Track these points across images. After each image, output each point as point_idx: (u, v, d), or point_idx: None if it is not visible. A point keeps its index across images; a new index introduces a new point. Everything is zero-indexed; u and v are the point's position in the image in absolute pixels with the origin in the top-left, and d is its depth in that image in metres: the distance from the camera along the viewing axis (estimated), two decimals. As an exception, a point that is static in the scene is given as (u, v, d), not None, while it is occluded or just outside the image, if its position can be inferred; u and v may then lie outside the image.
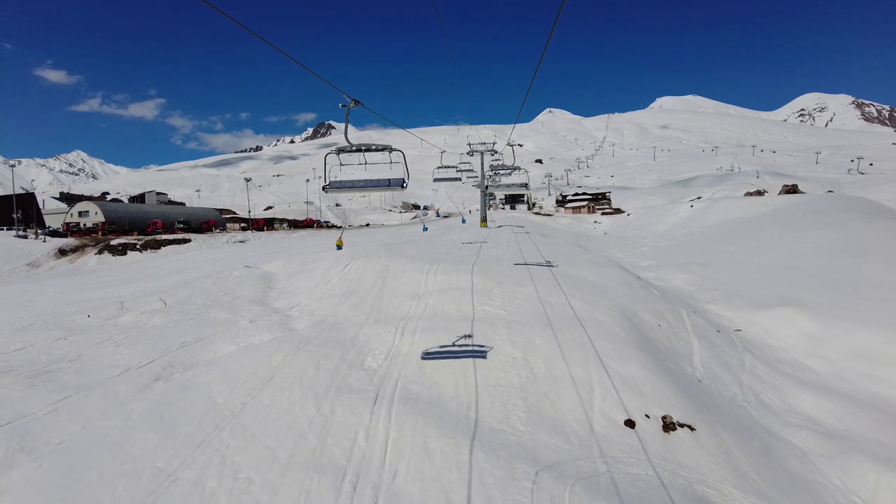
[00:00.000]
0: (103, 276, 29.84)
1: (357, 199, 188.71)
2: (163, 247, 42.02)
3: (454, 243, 24.29)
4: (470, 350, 8.98)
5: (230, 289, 17.72)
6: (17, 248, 37.36)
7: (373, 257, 17.98)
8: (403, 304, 12.43)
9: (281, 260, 24.72)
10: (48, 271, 34.90)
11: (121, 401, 8.11)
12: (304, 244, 42.27)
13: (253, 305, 14.55)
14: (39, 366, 10.29)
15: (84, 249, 39.07)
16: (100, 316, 15.02)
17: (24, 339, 12.64)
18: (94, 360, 10.54)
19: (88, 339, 12.04)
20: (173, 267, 31.74)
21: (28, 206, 68.59)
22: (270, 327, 11.95)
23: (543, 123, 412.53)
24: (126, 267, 34.94)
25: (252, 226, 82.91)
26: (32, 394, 8.67)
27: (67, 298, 21.12)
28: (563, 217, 65.64)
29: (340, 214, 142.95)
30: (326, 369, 8.65)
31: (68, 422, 7.43)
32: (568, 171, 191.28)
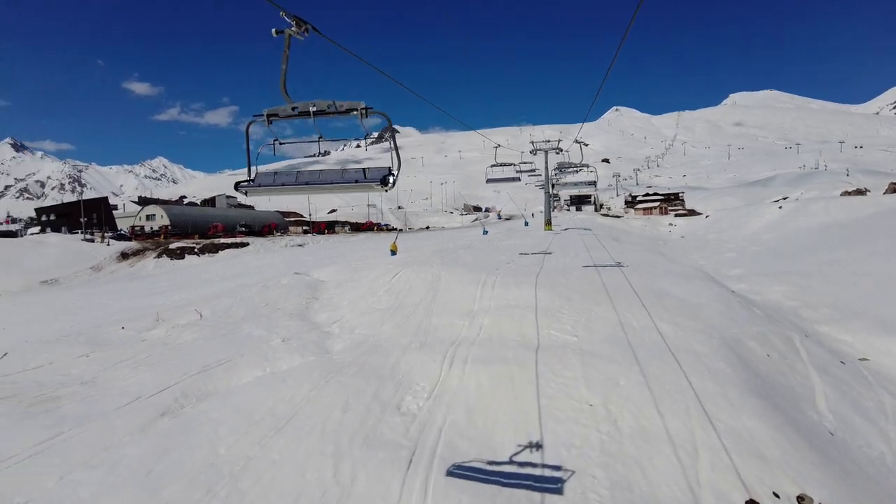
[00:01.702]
0: (157, 282, 30.06)
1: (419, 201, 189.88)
2: (220, 251, 42.57)
3: (515, 249, 22.50)
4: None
5: (273, 299, 16.73)
6: (83, 252, 38.77)
7: (424, 265, 16.49)
8: (454, 323, 10.80)
9: (333, 266, 23.77)
10: (109, 275, 35.88)
11: (115, 444, 6.93)
12: (361, 248, 41.63)
13: (291, 320, 13.37)
14: (48, 389, 9.41)
15: (144, 253, 40.10)
16: (134, 328, 14.33)
17: (48, 354, 11.97)
18: (106, 383, 9.57)
19: (109, 358, 11.18)
20: (227, 272, 31.64)
21: (101, 209, 72.42)
22: (304, 348, 10.65)
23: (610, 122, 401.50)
24: (181, 271, 35.33)
25: (313, 229, 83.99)
26: (24, 428, 7.67)
27: (115, 306, 20.94)
28: (633, 219, 62.14)
29: (401, 217, 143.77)
30: (356, 411, 7.15)
31: (46, 470, 6.29)
32: (637, 170, 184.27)
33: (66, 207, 75.31)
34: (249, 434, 6.74)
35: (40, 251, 37.34)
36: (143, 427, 7.39)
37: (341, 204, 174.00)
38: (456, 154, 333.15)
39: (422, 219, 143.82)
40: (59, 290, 30.82)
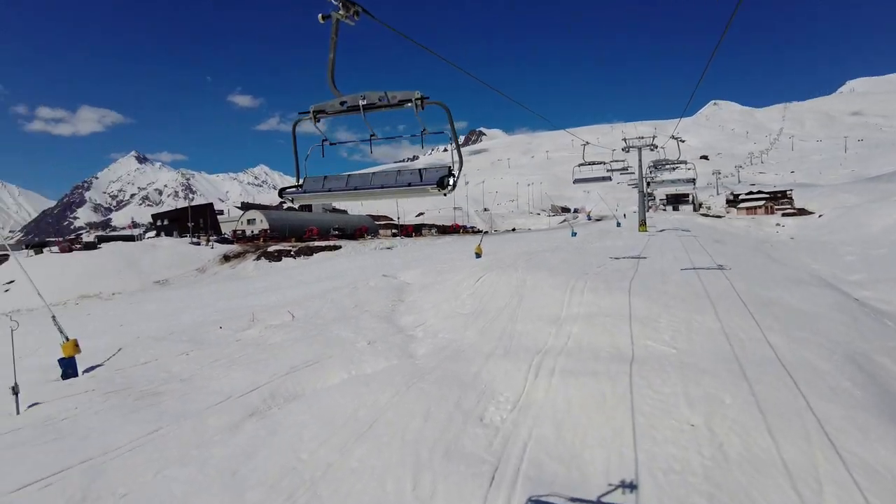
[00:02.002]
0: (256, 283, 31.74)
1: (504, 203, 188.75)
2: (315, 253, 44.42)
3: (607, 251, 21.51)
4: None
5: (361, 301, 17.03)
6: (190, 254, 41.93)
7: (508, 269, 16.11)
8: (540, 330, 10.35)
9: (418, 268, 23.98)
10: (212, 276, 38.48)
11: (205, 442, 7.18)
12: (446, 251, 41.81)
13: (378, 322, 13.49)
14: (152, 385, 10.02)
15: (245, 255, 42.72)
16: (231, 328, 15.08)
17: (154, 351, 12.83)
18: (202, 382, 10.04)
19: (207, 356, 11.77)
20: (320, 274, 32.84)
21: (207, 214, 78.13)
22: (388, 351, 10.64)
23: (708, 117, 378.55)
24: (279, 273, 37.14)
25: (401, 232, 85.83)
26: (129, 421, 8.16)
27: (216, 306, 22.26)
28: (736, 219, 57.90)
29: (487, 219, 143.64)
30: (437, 419, 6.94)
31: (144, 465, 6.60)
32: (739, 167, 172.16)
33: (177, 213, 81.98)
34: (331, 439, 6.72)
35: (154, 254, 40.84)
36: (232, 427, 7.62)
37: (429, 207, 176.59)
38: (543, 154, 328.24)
39: (508, 221, 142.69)
40: (168, 290, 33.46)
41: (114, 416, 8.47)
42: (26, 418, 8.80)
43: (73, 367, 11.59)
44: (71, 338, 11.89)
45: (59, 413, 8.81)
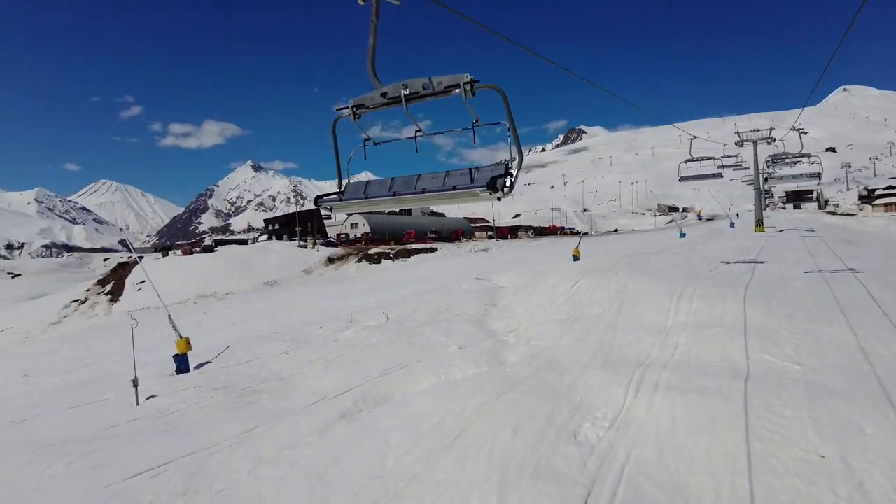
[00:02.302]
0: (357, 284, 32.85)
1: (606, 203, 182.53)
2: (412, 256, 45.38)
3: (718, 254, 19.92)
4: None
5: (454, 304, 16.98)
6: (297, 257, 44.41)
7: (608, 273, 15.30)
8: (643, 341, 9.63)
9: (512, 271, 23.58)
10: (317, 277, 40.41)
11: (297, 442, 7.32)
12: (542, 253, 41.00)
13: (469, 326, 13.31)
14: (254, 383, 10.49)
15: (347, 258, 44.53)
16: (330, 328, 15.58)
17: (259, 349, 13.50)
18: (300, 381, 10.36)
19: (306, 356, 12.18)
20: (417, 276, 33.41)
21: (314, 219, 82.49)
22: (479, 357, 10.41)
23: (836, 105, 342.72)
24: (378, 275, 38.27)
25: (497, 234, 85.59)
26: (229, 418, 8.55)
27: (320, 306, 23.20)
28: (871, 217, 51.73)
29: (587, 220, 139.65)
30: (528, 433, 6.58)
31: (240, 462, 6.83)
32: (874, 159, 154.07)
33: (287, 218, 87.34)
34: (417, 448, 6.58)
35: (265, 256, 43.72)
36: (323, 429, 7.72)
37: (525, 208, 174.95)
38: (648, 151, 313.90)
39: (609, 221, 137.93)
40: (276, 291, 35.57)
41: (216, 413, 8.93)
42: (143, 409, 9.52)
43: (186, 363, 12.46)
44: (184, 336, 12.79)
45: (170, 406, 9.45)
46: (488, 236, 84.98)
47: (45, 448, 8.03)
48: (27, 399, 12.42)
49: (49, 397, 12.02)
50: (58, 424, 9.28)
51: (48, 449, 7.97)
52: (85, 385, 12.87)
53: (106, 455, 7.47)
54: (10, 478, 7.06)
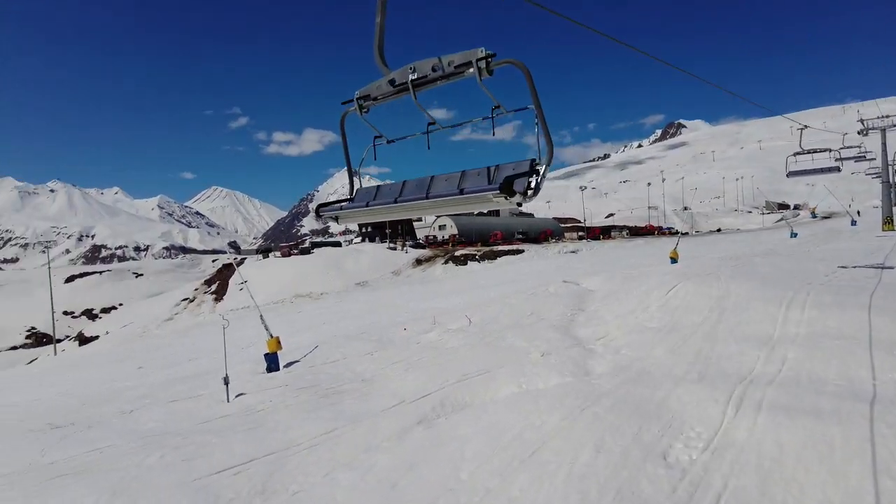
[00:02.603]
0: (443, 286, 33.03)
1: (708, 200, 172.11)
2: (498, 257, 45.05)
3: (836, 256, 17.96)
4: None
5: (538, 308, 16.49)
6: (387, 258, 45.48)
7: (708, 278, 14.19)
8: (746, 353, 8.75)
9: (603, 274, 22.62)
10: (405, 279, 41.13)
11: (374, 446, 7.30)
12: (636, 255, 39.17)
13: (553, 332, 12.82)
14: (337, 383, 10.68)
15: (434, 259, 44.99)
16: (414, 330, 15.66)
17: (345, 349, 13.80)
18: (381, 383, 10.42)
19: (388, 357, 12.26)
20: (502, 278, 33.05)
21: (403, 222, 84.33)
22: (562, 366, 9.94)
23: None
24: (464, 277, 38.30)
25: (588, 234, 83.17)
26: (312, 418, 8.72)
27: (407, 307, 23.50)
28: None
29: (687, 219, 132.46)
30: (611, 453, 6.11)
31: (316, 465, 6.91)
32: None
33: (379, 221, 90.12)
34: (493, 460, 6.31)
35: (356, 257, 45.19)
36: (400, 434, 7.65)
37: (621, 207, 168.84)
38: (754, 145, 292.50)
39: (712, 220, 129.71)
40: (366, 291, 36.59)
41: (299, 412, 9.15)
42: (233, 406, 9.96)
43: (276, 361, 12.95)
44: (275, 335, 13.31)
45: (257, 404, 9.81)
46: (578, 237, 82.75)
47: (145, 439, 8.59)
48: (137, 391, 13.50)
49: (155, 390, 12.97)
50: (159, 417, 9.93)
51: (148, 440, 8.52)
52: (186, 380, 13.75)
53: (196, 449, 7.84)
54: (114, 465, 7.58)
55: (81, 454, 8.18)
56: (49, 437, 9.31)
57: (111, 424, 9.74)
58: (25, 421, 11.73)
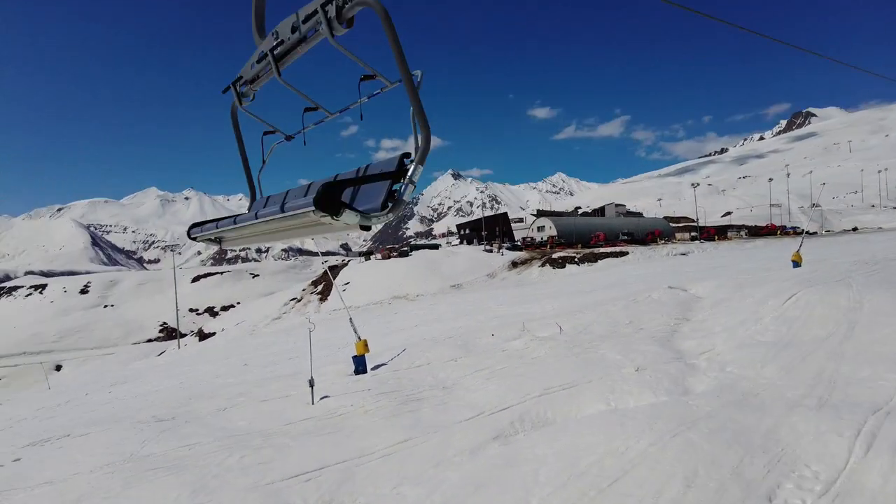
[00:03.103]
0: (538, 289, 32.21)
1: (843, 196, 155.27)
2: (599, 260, 43.16)
3: None
4: None
5: (637, 316, 15.44)
6: (482, 261, 45.20)
7: (836, 285, 12.51)
8: (882, 378, 7.48)
9: (713, 280, 20.84)
10: (500, 281, 40.63)
11: (445, 461, 7.04)
12: (755, 257, 35.92)
13: (652, 344, 11.86)
14: (418, 390, 10.54)
15: (531, 262, 44.00)
16: (501, 336, 15.24)
17: (430, 354, 13.68)
18: (461, 392, 10.15)
19: (472, 365, 11.97)
20: (602, 282, 31.64)
21: (501, 223, 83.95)
22: (657, 383, 9.11)
23: None
24: (561, 280, 37.11)
25: (701, 235, 77.81)
26: (388, 426, 8.64)
27: (497, 311, 23.11)
28: None
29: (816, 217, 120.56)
30: (704, 489, 5.39)
31: (386, 477, 6.77)
32: None
33: (477, 223, 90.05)
34: (568, 487, 5.80)
35: (452, 260, 45.38)
36: (473, 449, 7.32)
37: (738, 205, 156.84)
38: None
39: (847, 218, 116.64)
40: (461, 294, 36.57)
41: (377, 419, 9.10)
42: (316, 409, 10.13)
43: (363, 364, 13.10)
44: (362, 337, 13.48)
45: (338, 408, 9.91)
46: (691, 238, 77.66)
47: (231, 438, 8.93)
48: (236, 388, 14.23)
49: (252, 388, 13.59)
50: (248, 416, 10.33)
51: (234, 439, 8.84)
52: (281, 378, 14.29)
53: (274, 452, 8.00)
54: (199, 462, 7.92)
55: (174, 449, 8.65)
56: (152, 429, 9.96)
57: (206, 421, 10.26)
58: (141, 411, 12.76)
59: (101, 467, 8.21)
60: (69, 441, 9.92)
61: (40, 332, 62.50)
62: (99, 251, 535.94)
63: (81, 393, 22.47)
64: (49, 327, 64.20)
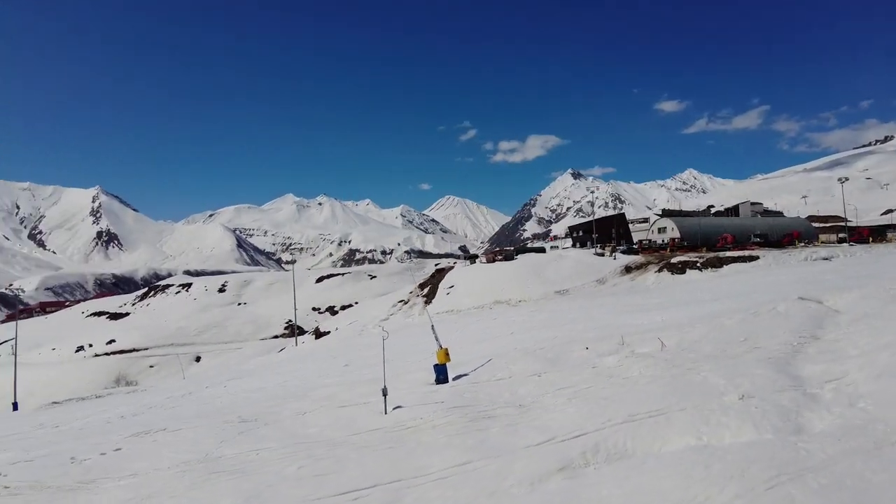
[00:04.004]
0: (650, 298, 30.03)
1: None
2: (724, 265, 39.22)
3: None
4: None
5: (755, 332, 13.61)
6: (592, 265, 42.99)
7: None
8: None
9: (858, 290, 17.98)
10: (610, 288, 38.37)
11: (500, 491, 6.46)
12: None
13: (765, 367, 10.27)
14: (492, 406, 10.00)
15: (646, 267, 41.06)
16: (595, 350, 14.20)
17: (514, 367, 13.07)
18: (536, 412, 9.44)
19: (555, 381, 11.17)
20: (724, 290, 28.76)
21: (617, 224, 79.83)
22: (763, 416, 7.75)
23: None
24: (678, 288, 34.29)
25: (851, 236, 68.54)
26: (452, 445, 8.22)
27: (600, 321, 21.77)
28: None
29: None
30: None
31: (439, 500, 6.32)
32: None
33: (591, 224, 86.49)
34: (628, 542, 4.97)
35: (559, 264, 43.74)
36: (534, 480, 6.64)
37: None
38: None
39: None
40: (565, 301, 35.08)
41: (442, 436, 8.67)
42: (387, 419, 9.93)
43: (445, 373, 12.76)
44: (444, 346, 13.14)
45: (407, 420, 9.62)
46: (838, 239, 68.69)
47: (298, 445, 8.96)
48: (326, 389, 14.51)
49: (339, 390, 13.78)
50: (323, 421, 10.37)
51: (299, 446, 8.86)
52: (369, 383, 14.33)
53: (333, 464, 7.86)
54: (260, 469, 7.99)
55: (245, 452, 8.85)
56: (234, 429, 10.34)
57: (283, 424, 10.45)
58: (235, 409, 13.42)
59: (178, 465, 8.58)
60: (163, 435, 10.56)
61: (185, 326, 69.74)
62: (243, 252, 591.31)
63: (203, 385, 24.40)
64: (192, 322, 71.45)
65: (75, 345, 66.31)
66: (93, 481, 8.35)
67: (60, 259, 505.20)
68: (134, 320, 78.12)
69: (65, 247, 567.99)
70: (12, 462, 9.89)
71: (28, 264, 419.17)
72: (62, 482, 8.44)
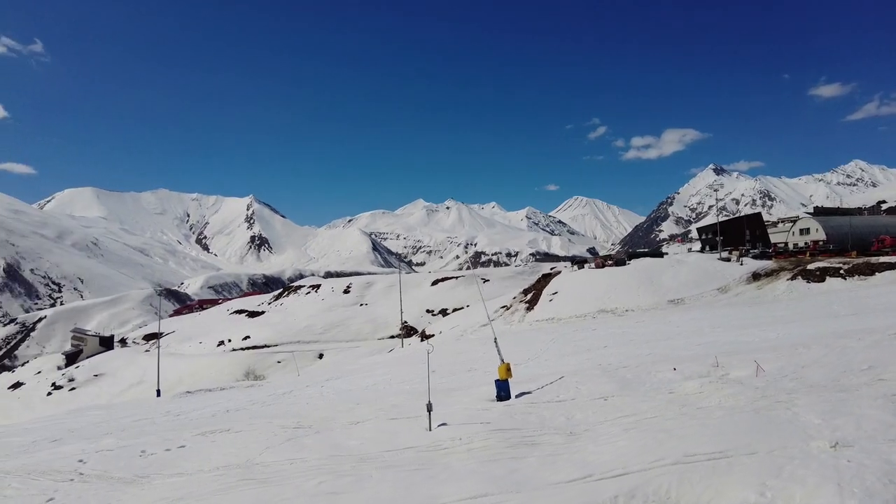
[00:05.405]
0: (774, 310, 26.56)
1: None
2: (877, 272, 33.45)
3: None
4: None
5: (886, 359, 11.32)
6: (715, 272, 38.89)
7: None
8: None
9: None
10: (732, 297, 34.36)
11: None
12: None
13: (882, 408, 8.36)
14: (539, 432, 9.23)
15: (778, 274, 36.16)
16: (683, 372, 12.75)
17: (582, 387, 12.07)
18: (584, 442, 8.50)
19: (620, 407, 10.07)
20: (870, 303, 24.64)
21: (750, 225, 72.14)
22: (854, 476, 6.19)
23: None
24: (812, 299, 29.94)
25: None
26: (476, 473, 7.62)
27: (705, 337, 19.58)
28: None
29: None
30: None
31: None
32: None
33: (724, 225, 78.94)
34: None
35: (675, 270, 40.13)
36: (546, 528, 5.83)
37: None
38: None
39: None
40: (678, 311, 32.07)
41: (473, 461, 8.09)
42: (427, 437, 9.51)
43: (506, 389, 12.07)
44: (506, 361, 12.44)
45: (445, 440, 9.13)
46: None
47: (331, 458, 8.83)
48: (395, 398, 14.43)
49: (403, 399, 13.61)
50: (367, 434, 10.19)
51: (331, 460, 8.73)
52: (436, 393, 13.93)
53: (350, 483, 7.62)
54: (286, 480, 7.94)
55: (281, 461, 8.90)
56: (283, 436, 10.50)
57: (330, 435, 10.43)
58: (303, 412, 13.72)
59: (218, 468, 8.83)
60: (222, 436, 11.00)
61: (312, 324, 74.44)
62: (378, 255, 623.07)
63: (305, 384, 25.59)
64: (318, 321, 76.07)
65: (217, 339, 73.55)
66: (146, 477, 8.84)
67: (220, 261, 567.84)
68: (268, 318, 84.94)
69: (224, 249, 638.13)
70: (98, 450, 10.82)
71: (195, 265, 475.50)
72: (123, 474, 9.04)
